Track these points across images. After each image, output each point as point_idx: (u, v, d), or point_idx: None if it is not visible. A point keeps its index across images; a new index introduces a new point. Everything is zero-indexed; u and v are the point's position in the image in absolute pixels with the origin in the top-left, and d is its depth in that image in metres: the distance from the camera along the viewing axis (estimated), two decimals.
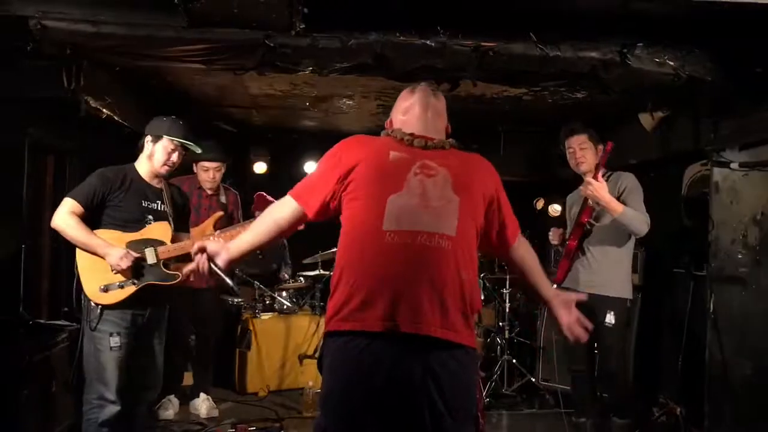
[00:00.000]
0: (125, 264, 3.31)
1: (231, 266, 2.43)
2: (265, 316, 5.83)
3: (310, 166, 7.43)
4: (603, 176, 3.95)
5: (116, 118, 4.51)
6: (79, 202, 3.35)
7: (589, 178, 3.86)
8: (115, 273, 3.34)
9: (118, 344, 3.33)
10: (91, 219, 3.39)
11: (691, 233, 4.82)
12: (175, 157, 3.55)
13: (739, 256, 4.09)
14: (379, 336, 2.09)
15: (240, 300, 5.91)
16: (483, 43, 3.49)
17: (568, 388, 4.60)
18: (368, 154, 2.29)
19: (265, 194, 5.10)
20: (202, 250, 2.39)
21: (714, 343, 4.22)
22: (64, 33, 3.43)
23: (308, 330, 5.85)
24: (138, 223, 3.45)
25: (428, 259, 2.11)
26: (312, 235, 6.89)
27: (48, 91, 3.84)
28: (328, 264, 6.00)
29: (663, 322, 5.23)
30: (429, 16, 3.41)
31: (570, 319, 2.40)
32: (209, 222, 3.89)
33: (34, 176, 4.30)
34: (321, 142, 7.35)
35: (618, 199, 3.86)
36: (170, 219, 3.54)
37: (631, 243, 4.06)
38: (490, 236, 2.38)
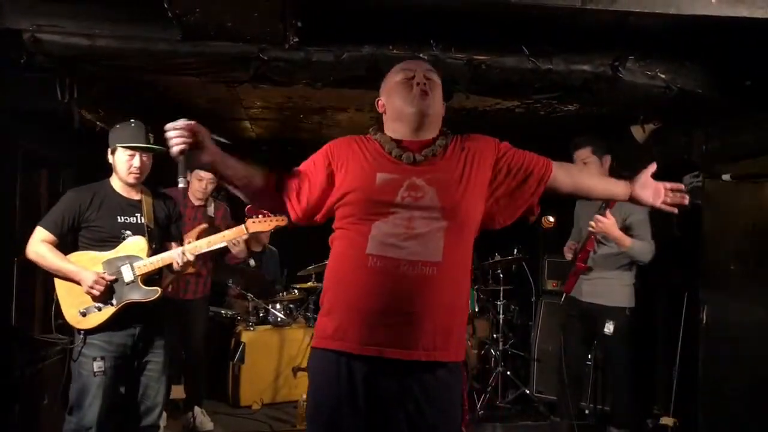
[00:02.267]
0: (98, 289, 3.23)
1: (207, 164, 2.21)
2: (259, 328, 5.81)
3: None
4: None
5: (110, 130, 4.50)
6: (49, 230, 3.32)
7: (599, 216, 3.89)
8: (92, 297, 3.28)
9: (102, 369, 3.25)
10: (69, 242, 3.35)
11: (683, 245, 4.84)
12: (136, 162, 3.41)
13: (732, 267, 4.10)
14: (358, 358, 2.12)
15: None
16: (476, 56, 3.51)
17: None
18: (357, 173, 2.26)
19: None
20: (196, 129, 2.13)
21: (707, 355, 4.23)
22: (58, 46, 3.43)
23: (302, 342, 5.83)
24: (115, 240, 3.37)
25: (410, 287, 2.10)
26: (305, 247, 6.93)
27: (41, 103, 3.82)
28: (321, 276, 5.98)
29: (656, 333, 5.23)
30: (422, 29, 3.43)
31: (657, 195, 2.45)
32: (193, 233, 3.83)
33: (26, 189, 4.29)
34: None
35: (624, 227, 3.95)
36: (146, 232, 3.42)
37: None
38: (525, 186, 2.33)
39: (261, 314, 5.93)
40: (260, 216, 3.90)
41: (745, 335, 3.97)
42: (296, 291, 6.22)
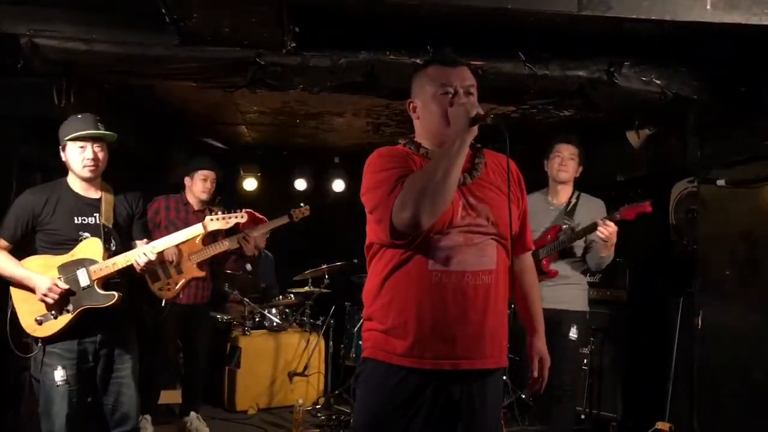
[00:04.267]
0: (52, 296, 3.09)
1: None
2: (255, 333, 5.81)
3: (300, 183, 7.47)
4: (573, 197, 4.10)
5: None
6: (1, 236, 3.20)
7: (610, 222, 3.78)
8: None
9: (64, 378, 3.11)
10: (27, 246, 3.22)
11: (679, 250, 4.86)
12: (88, 153, 3.20)
13: (727, 272, 4.11)
14: (430, 372, 2.15)
15: (229, 316, 5.90)
16: (472, 62, 3.53)
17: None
18: None
19: (254, 212, 5.11)
20: None
21: (703, 360, 4.24)
22: (55, 51, 3.44)
23: (298, 347, 5.83)
24: (72, 243, 3.20)
25: (475, 297, 2.15)
26: (301, 252, 6.94)
27: (38, 108, 3.82)
28: (317, 281, 6.00)
29: (652, 338, 5.24)
30: (418, 34, 3.45)
31: (539, 376, 2.46)
32: (197, 240, 3.80)
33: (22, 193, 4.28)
34: (311, 159, 7.50)
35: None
36: (103, 233, 3.23)
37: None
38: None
39: (257, 319, 5.92)
40: (219, 214, 3.89)
41: (741, 340, 3.98)
42: (292, 296, 6.21)
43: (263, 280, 6.54)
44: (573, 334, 4.02)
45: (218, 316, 5.89)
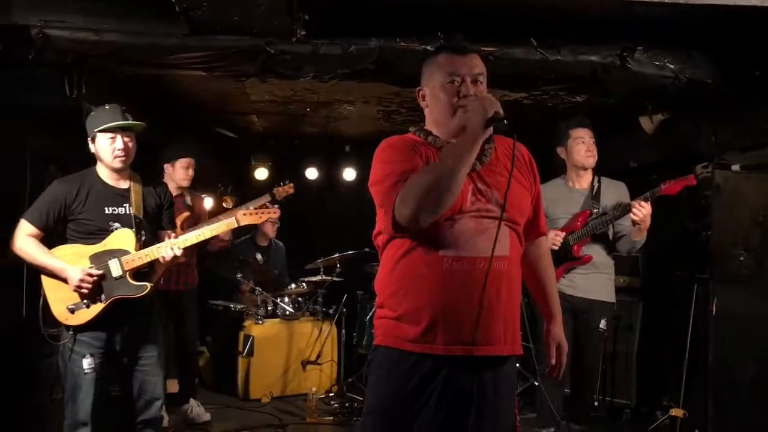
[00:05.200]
0: (87, 286, 3.13)
1: None
2: (268, 322, 5.83)
3: (311, 172, 7.48)
4: (595, 181, 4.02)
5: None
6: (32, 223, 3.21)
7: (644, 203, 3.71)
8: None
9: (92, 366, 3.16)
10: (58, 234, 3.25)
11: (693, 236, 4.82)
12: (118, 143, 3.24)
13: (741, 259, 4.09)
14: (444, 357, 2.14)
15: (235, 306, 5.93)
16: (483, 48, 3.50)
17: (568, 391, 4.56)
18: None
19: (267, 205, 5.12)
20: None
21: (717, 346, 4.22)
22: (66, 41, 3.44)
23: (311, 335, 5.85)
24: (103, 233, 3.23)
25: (487, 283, 2.12)
26: (313, 241, 6.96)
27: (50, 99, 3.83)
28: (329, 269, 6.01)
29: (665, 325, 5.22)
30: (429, 21, 3.43)
31: (558, 361, 2.45)
32: (177, 222, 3.73)
33: (36, 185, 4.30)
34: (322, 147, 7.50)
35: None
36: (134, 223, 3.27)
37: None
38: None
39: (269, 308, 5.94)
40: (251, 207, 3.84)
41: (756, 326, 3.96)
42: (304, 284, 6.23)
43: (274, 269, 6.56)
44: (603, 325, 3.97)
45: (230, 306, 5.93)
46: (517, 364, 5.50)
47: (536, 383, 5.52)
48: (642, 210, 3.68)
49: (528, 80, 3.87)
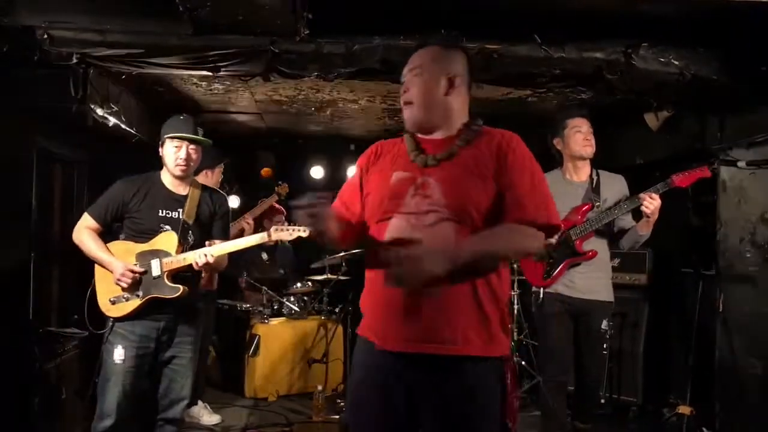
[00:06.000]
0: (125, 281, 3.27)
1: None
2: (274, 321, 5.84)
3: (316, 171, 7.48)
4: (593, 174, 3.91)
5: (123, 126, 4.53)
6: (93, 217, 3.39)
7: (655, 195, 3.61)
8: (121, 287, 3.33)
9: (122, 358, 3.27)
10: (116, 230, 3.44)
11: (699, 232, 4.81)
12: (182, 153, 3.40)
13: (748, 255, 4.08)
14: (386, 353, 2.14)
15: (247, 306, 5.93)
16: (487, 46, 3.50)
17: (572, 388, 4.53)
18: (376, 174, 2.31)
19: (275, 205, 5.12)
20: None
21: (724, 343, 4.21)
22: (70, 42, 3.47)
23: (317, 334, 5.86)
24: (153, 234, 3.38)
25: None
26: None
27: (55, 99, 3.85)
28: (335, 268, 6.02)
29: (672, 322, 5.21)
30: (433, 19, 3.42)
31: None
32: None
33: (42, 185, 4.32)
34: (327, 146, 7.50)
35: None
36: (180, 228, 3.39)
37: None
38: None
39: (275, 307, 5.96)
40: (285, 224, 3.85)
41: (762, 322, 3.95)
42: (310, 283, 6.24)
43: (281, 268, 6.56)
44: (604, 326, 3.89)
45: (236, 305, 5.94)
46: (523, 362, 5.58)
47: (542, 381, 5.54)
48: (653, 202, 3.59)
49: (532, 77, 3.86)
